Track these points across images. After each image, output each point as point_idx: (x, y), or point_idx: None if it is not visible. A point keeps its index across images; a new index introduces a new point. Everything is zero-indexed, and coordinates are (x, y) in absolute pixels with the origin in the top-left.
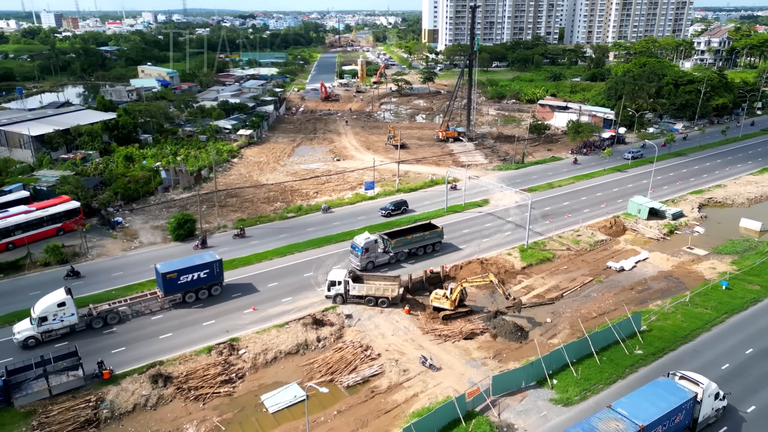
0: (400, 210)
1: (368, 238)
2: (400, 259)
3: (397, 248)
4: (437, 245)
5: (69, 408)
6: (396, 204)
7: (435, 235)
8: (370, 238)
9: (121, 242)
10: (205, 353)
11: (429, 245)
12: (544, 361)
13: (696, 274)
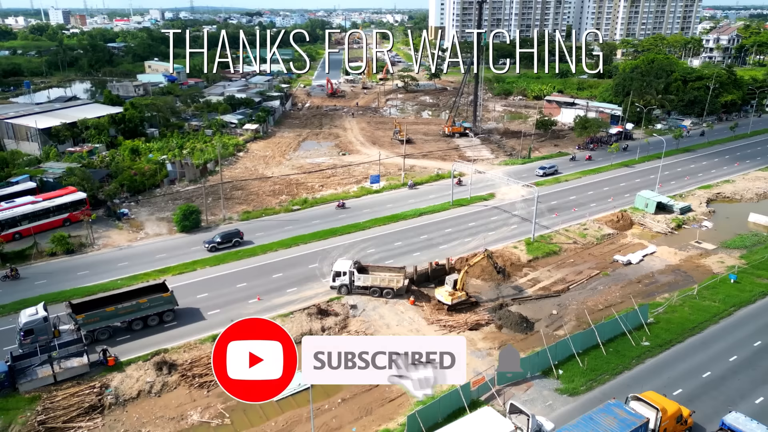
0: (231, 243)
1: (34, 314)
2: (100, 339)
3: (91, 325)
4: (167, 315)
5: (73, 394)
6: (225, 236)
7: (160, 303)
8: (37, 316)
9: (127, 233)
10: (210, 342)
11: (152, 316)
12: (549, 352)
13: (704, 268)
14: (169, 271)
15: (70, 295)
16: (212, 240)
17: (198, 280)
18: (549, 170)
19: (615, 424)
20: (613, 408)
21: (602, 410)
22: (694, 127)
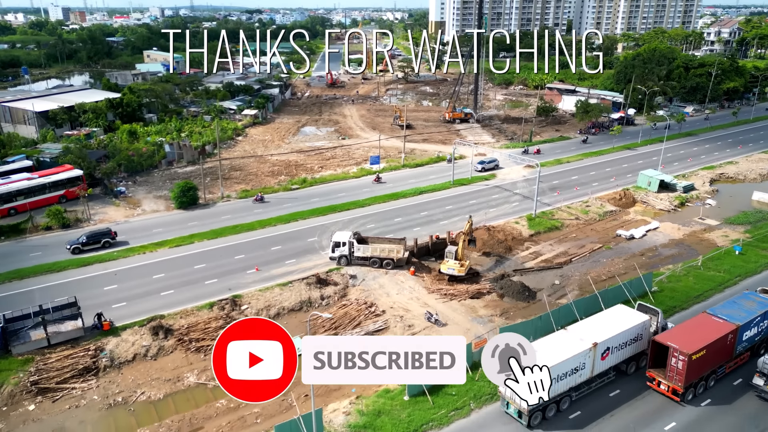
0: (99, 244)
1: None
2: None
3: None
4: None
5: (67, 356)
6: (92, 236)
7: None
8: None
9: (124, 209)
10: (207, 309)
11: None
12: (552, 316)
13: (708, 242)
14: (166, 243)
15: (65, 266)
16: (76, 240)
17: (195, 252)
18: (489, 164)
19: (756, 305)
20: (750, 295)
21: (741, 297)
22: (696, 114)
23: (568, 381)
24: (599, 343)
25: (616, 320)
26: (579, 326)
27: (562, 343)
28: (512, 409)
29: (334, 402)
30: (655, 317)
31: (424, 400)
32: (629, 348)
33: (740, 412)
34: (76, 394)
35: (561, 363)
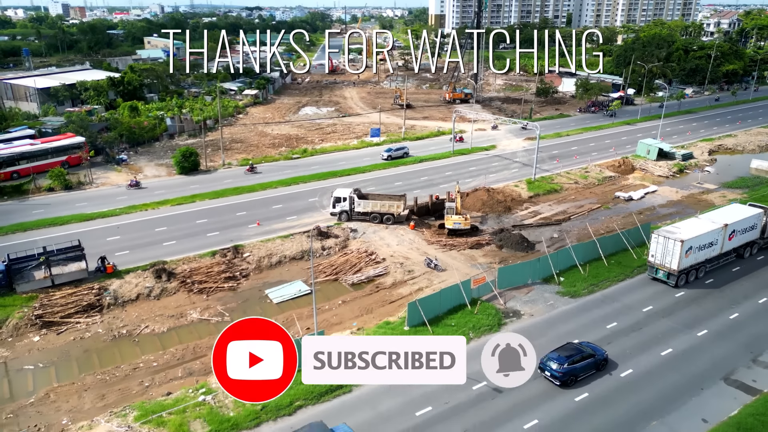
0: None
1: None
2: None
3: None
4: None
5: (71, 293)
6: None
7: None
8: None
9: (126, 175)
10: (210, 256)
11: None
12: (551, 259)
13: (706, 202)
14: (167, 202)
15: (67, 220)
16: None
17: (197, 209)
18: (396, 152)
19: None
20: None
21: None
22: (695, 95)
23: (705, 253)
24: (728, 224)
25: (736, 212)
26: (708, 214)
27: (698, 224)
28: (661, 273)
29: (335, 332)
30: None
31: (425, 330)
32: (748, 234)
33: None
34: (80, 327)
35: (699, 236)
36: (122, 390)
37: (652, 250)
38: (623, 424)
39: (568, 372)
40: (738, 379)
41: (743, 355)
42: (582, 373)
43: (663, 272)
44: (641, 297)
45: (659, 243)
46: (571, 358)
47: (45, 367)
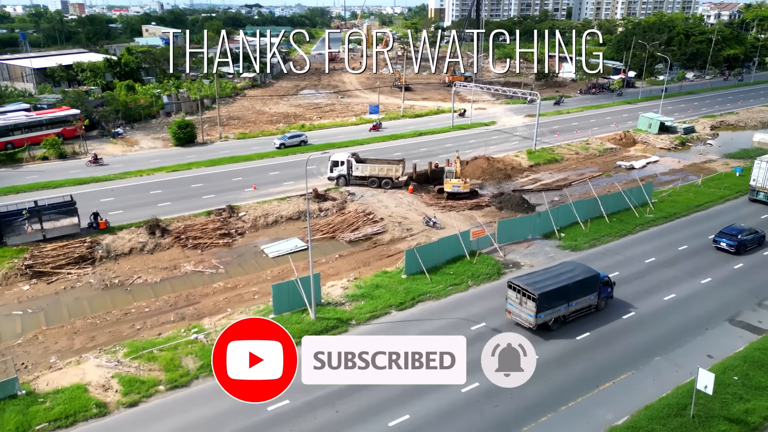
0: None
1: None
2: None
3: None
4: None
5: (62, 246)
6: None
7: None
8: None
9: (122, 147)
10: (205, 215)
11: None
12: (552, 215)
13: (709, 170)
14: (163, 169)
15: (61, 184)
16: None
17: (193, 175)
18: (292, 140)
19: None
20: None
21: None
22: (695, 79)
23: None
24: None
25: None
26: None
27: None
28: (762, 195)
29: (330, 282)
30: None
31: (423, 278)
32: None
33: None
34: (71, 278)
35: None
36: (113, 332)
37: (754, 175)
38: (625, 360)
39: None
40: (743, 320)
41: (748, 300)
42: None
43: (764, 194)
44: (644, 250)
45: (762, 168)
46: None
47: (34, 312)
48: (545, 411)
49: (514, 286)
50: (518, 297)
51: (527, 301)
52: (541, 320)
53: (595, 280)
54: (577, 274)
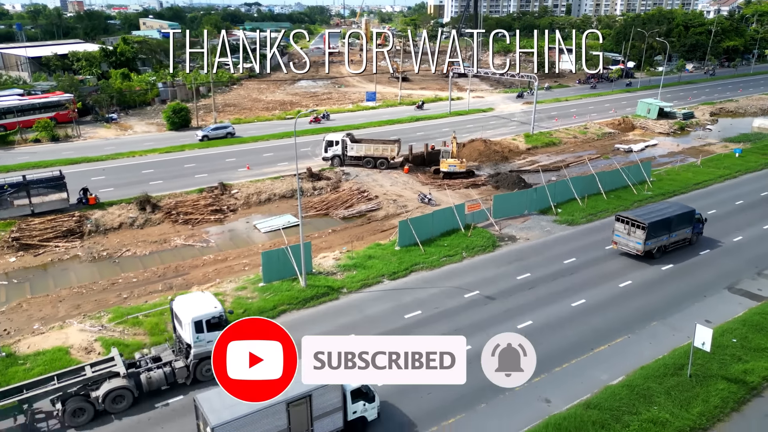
0: None
1: None
2: None
3: None
4: None
5: (51, 220)
6: None
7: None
8: None
9: (115, 130)
10: (197, 193)
11: None
12: (548, 190)
13: (708, 151)
14: (156, 151)
15: (50, 164)
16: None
17: (186, 156)
18: (216, 132)
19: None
20: None
21: None
22: (695, 70)
23: None
24: None
25: None
26: None
27: None
28: None
29: (322, 254)
30: None
31: (416, 249)
32: None
33: None
34: (58, 251)
35: None
36: (99, 301)
37: None
38: (621, 325)
39: None
40: (743, 288)
41: (748, 269)
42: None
43: None
44: None
45: None
46: None
47: (20, 282)
48: (537, 372)
49: (623, 219)
50: (626, 228)
51: (636, 230)
52: (648, 247)
53: (691, 215)
54: (677, 209)
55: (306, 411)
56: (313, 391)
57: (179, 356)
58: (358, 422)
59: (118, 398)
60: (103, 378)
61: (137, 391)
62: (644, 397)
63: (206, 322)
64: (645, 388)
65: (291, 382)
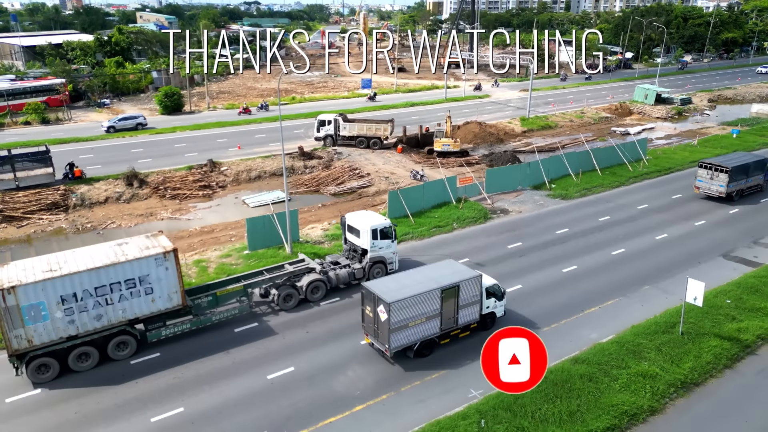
0: None
1: None
2: None
3: None
4: None
5: (35, 193)
6: None
7: None
8: None
9: (107, 115)
10: (186, 170)
11: None
12: (542, 165)
13: (705, 133)
14: (146, 131)
15: (39, 143)
16: None
17: (176, 137)
18: (123, 123)
19: None
20: None
21: None
22: (693, 62)
23: None
24: None
25: None
26: None
27: None
28: None
29: (309, 226)
30: None
31: (406, 221)
32: None
33: None
34: (42, 223)
35: None
36: None
37: None
38: (612, 288)
39: None
40: (738, 255)
41: (744, 238)
42: None
43: None
44: (637, 198)
45: None
46: None
47: (1, 252)
48: None
49: (706, 165)
50: (709, 173)
51: (719, 174)
52: (729, 189)
53: (764, 162)
54: (753, 157)
55: (454, 300)
56: (461, 282)
57: (353, 261)
58: (488, 317)
59: (315, 289)
60: (302, 272)
61: (328, 284)
62: (634, 352)
63: (380, 231)
64: (635, 345)
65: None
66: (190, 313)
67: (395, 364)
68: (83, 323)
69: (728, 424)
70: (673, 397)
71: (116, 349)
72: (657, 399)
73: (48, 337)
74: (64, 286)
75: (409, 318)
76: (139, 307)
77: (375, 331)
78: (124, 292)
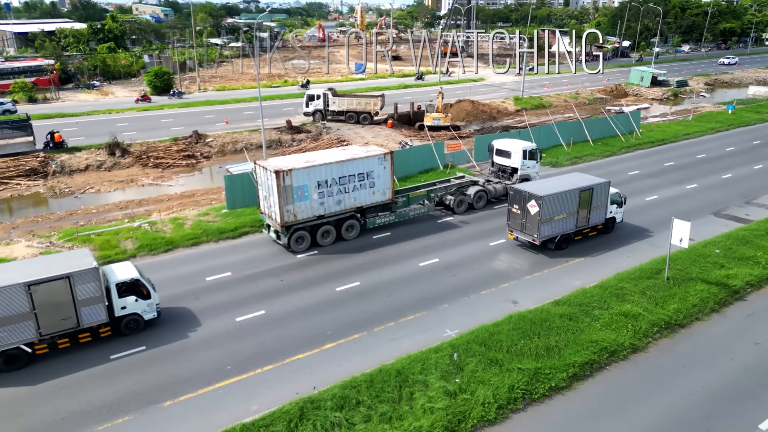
0: None
1: None
2: None
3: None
4: None
5: (13, 160)
6: None
7: None
8: None
9: (96, 95)
10: (171, 141)
11: None
12: (533, 133)
13: (701, 111)
14: (133, 109)
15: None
16: None
17: (164, 113)
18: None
19: None
20: None
21: None
22: (691, 51)
23: None
24: None
25: None
26: None
27: None
28: None
29: None
30: None
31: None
32: None
33: None
34: (19, 188)
35: None
36: (53, 227)
37: None
38: (599, 244)
39: None
40: (730, 213)
41: (736, 199)
42: None
43: None
44: (628, 166)
45: None
46: None
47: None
48: (507, 279)
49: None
50: None
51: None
52: None
53: None
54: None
55: (588, 201)
56: (594, 186)
57: (502, 179)
58: (610, 221)
59: (479, 198)
60: (468, 184)
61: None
62: (617, 296)
63: (529, 152)
64: (618, 288)
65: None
66: (389, 210)
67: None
68: (329, 206)
69: (714, 362)
70: (657, 337)
71: (347, 230)
72: (639, 338)
73: (306, 214)
74: (319, 173)
75: (554, 212)
76: (364, 198)
77: (522, 225)
78: (356, 183)
